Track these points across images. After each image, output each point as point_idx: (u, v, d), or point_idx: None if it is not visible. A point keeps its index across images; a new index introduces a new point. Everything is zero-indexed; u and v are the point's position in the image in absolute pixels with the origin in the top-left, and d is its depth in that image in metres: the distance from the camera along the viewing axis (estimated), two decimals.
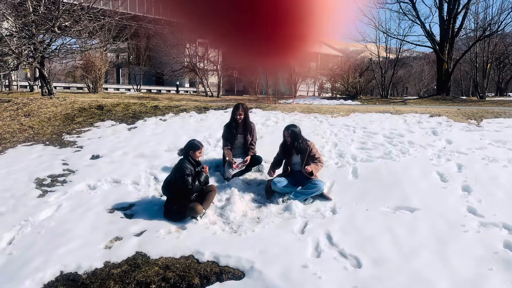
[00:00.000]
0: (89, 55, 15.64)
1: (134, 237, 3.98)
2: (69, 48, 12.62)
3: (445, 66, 20.99)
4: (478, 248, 3.59)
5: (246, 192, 5.11)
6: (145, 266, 3.47)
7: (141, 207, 4.69)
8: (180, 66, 24.17)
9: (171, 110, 9.49)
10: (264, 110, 9.44)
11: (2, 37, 10.27)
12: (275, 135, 7.25)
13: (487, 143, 6.56)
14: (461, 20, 21.45)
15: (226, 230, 4.18)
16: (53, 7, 11.01)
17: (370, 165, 5.76)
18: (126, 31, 16.88)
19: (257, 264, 3.41)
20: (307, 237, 3.90)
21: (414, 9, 22.16)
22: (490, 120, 8.14)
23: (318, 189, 4.80)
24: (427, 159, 5.91)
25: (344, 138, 6.97)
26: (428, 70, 39.81)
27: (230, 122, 5.95)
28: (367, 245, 3.71)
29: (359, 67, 24.21)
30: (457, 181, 5.11)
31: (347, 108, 10.19)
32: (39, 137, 7.65)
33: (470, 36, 25.03)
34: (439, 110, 9.71)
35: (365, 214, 4.35)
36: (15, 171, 5.84)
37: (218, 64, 23.29)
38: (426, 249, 3.61)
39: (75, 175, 5.67)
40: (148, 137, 7.42)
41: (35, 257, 3.58)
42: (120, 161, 6.20)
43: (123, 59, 32.41)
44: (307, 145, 5.09)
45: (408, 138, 6.87)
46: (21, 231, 4.09)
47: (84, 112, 9.37)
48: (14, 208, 4.63)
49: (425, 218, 4.18)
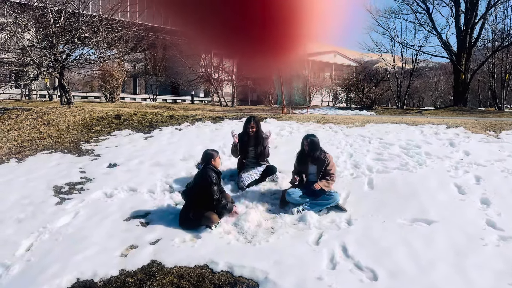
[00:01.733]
0: (107, 65, 15.96)
1: (149, 245, 4.00)
2: (88, 58, 12.90)
3: (462, 76, 20.75)
4: (497, 262, 3.50)
5: (260, 202, 5.10)
6: (160, 275, 3.48)
7: (156, 216, 4.72)
8: (195, 76, 24.46)
9: (186, 120, 9.57)
10: (278, 120, 9.45)
11: (24, 48, 10.56)
12: (290, 145, 7.24)
13: (507, 155, 6.44)
14: (479, 31, 21.27)
15: (240, 240, 4.18)
16: (73, 19, 11.31)
17: (386, 176, 5.70)
18: (143, 42, 17.16)
19: (271, 275, 3.38)
20: (322, 248, 3.87)
21: (430, 20, 22.07)
22: (509, 132, 7.98)
23: (334, 200, 4.76)
24: (445, 170, 5.82)
25: (359, 149, 6.92)
26: (445, 80, 39.39)
27: (242, 134, 5.98)
28: (383, 257, 3.65)
29: (374, 77, 24.08)
30: (475, 193, 5.01)
31: (362, 119, 10.13)
32: (57, 146, 7.79)
33: (488, 46, 24.74)
34: (456, 121, 9.58)
35: (381, 226, 4.30)
36: (34, 178, 5.96)
37: (233, 74, 23.49)
38: (443, 262, 3.53)
39: (92, 183, 5.75)
40: (164, 146, 7.49)
41: (53, 264, 3.62)
42: (136, 169, 6.27)
43: (139, 69, 32.96)
44: (325, 158, 5.05)
45: (425, 149, 6.78)
46: (39, 237, 4.15)
47: (102, 121, 9.53)
48: (32, 215, 4.72)
49: (442, 231, 4.11)
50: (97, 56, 13.44)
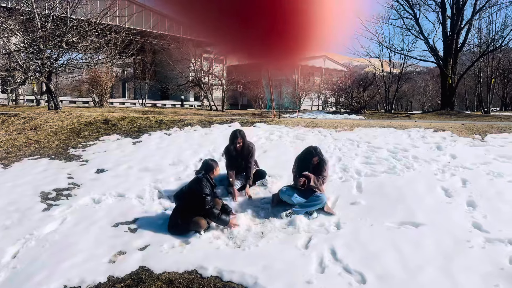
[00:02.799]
0: (95, 69, 15.85)
1: (138, 251, 3.97)
2: (76, 63, 12.80)
3: (449, 81, 21.04)
4: (484, 264, 3.55)
5: (250, 206, 5.11)
6: (148, 281, 3.46)
7: (145, 221, 4.68)
8: (185, 80, 24.41)
9: (176, 124, 9.54)
10: (268, 125, 9.47)
11: (11, 52, 10.45)
12: (279, 149, 7.27)
13: (492, 158, 6.54)
14: (465, 36, 21.60)
15: (229, 244, 4.17)
16: (61, 23, 11.23)
17: (374, 179, 5.75)
18: (132, 46, 17.11)
19: (260, 280, 3.38)
20: (311, 252, 3.88)
21: (417, 25, 22.35)
22: (494, 135, 8.11)
23: (321, 202, 4.79)
24: (432, 174, 5.89)
25: (348, 153, 6.97)
26: (432, 84, 39.91)
27: (229, 147, 5.86)
28: (371, 260, 3.68)
29: (363, 81, 24.29)
30: (462, 196, 5.08)
31: (351, 123, 10.21)
32: (45, 151, 7.70)
33: (474, 51, 25.15)
34: (443, 125, 9.71)
35: (369, 230, 4.33)
36: (21, 184, 5.88)
37: (223, 78, 23.49)
38: (431, 265, 3.57)
39: (80, 189, 5.70)
40: (153, 151, 7.45)
41: (39, 271, 3.57)
42: (124, 175, 6.22)
43: (129, 73, 32.83)
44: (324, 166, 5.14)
45: (413, 153, 6.86)
46: (25, 244, 4.09)
47: (90, 126, 9.45)
48: (19, 221, 4.65)
49: (430, 234, 4.15)
50: (85, 60, 13.34)
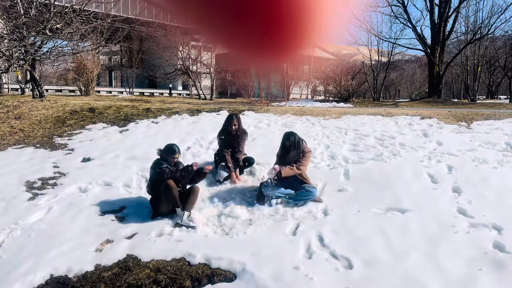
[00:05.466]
0: (81, 57, 15.54)
1: (125, 239, 3.96)
2: (61, 51, 12.52)
3: (436, 69, 21.16)
4: (468, 249, 3.61)
5: (238, 194, 5.11)
6: (136, 269, 3.45)
7: (132, 210, 4.66)
8: (173, 68, 24.13)
9: (163, 113, 9.46)
10: (256, 113, 9.44)
11: None
12: (268, 137, 7.26)
13: (477, 144, 6.63)
14: (452, 24, 21.65)
15: (218, 232, 4.17)
16: (45, 10, 10.95)
17: (361, 166, 5.79)
18: (118, 34, 16.79)
19: (248, 266, 3.40)
20: (299, 238, 3.91)
21: (405, 12, 22.32)
22: (480, 122, 8.22)
23: (312, 196, 4.77)
24: (418, 160, 5.95)
25: (336, 140, 7.00)
26: (420, 73, 40.09)
27: (223, 131, 5.87)
28: (358, 246, 3.72)
29: (351, 70, 24.28)
30: (447, 182, 5.15)
31: (339, 111, 10.24)
32: (29, 140, 7.58)
33: (461, 39, 25.27)
34: (430, 112, 9.79)
35: (356, 216, 4.37)
36: (5, 174, 5.79)
37: (211, 67, 23.29)
38: (417, 250, 3.62)
39: (66, 178, 5.63)
40: (140, 140, 7.39)
41: (25, 261, 3.54)
42: (111, 163, 6.16)
43: (115, 61, 32.30)
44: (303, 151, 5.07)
45: (399, 140, 6.91)
46: (11, 234, 4.05)
47: (76, 114, 9.32)
48: (4, 211, 4.59)
49: (416, 219, 4.21)
50: (71, 48, 13.07)
